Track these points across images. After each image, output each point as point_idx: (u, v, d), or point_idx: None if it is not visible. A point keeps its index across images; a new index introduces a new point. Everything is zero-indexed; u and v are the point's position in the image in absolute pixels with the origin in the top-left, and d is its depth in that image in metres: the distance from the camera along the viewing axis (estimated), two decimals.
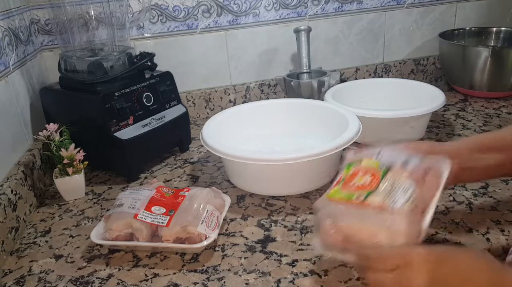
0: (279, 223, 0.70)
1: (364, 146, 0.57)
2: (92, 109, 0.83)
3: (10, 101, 0.81)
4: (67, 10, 0.86)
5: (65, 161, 0.78)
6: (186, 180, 0.86)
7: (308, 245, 0.63)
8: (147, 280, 0.59)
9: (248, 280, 0.58)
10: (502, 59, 1.10)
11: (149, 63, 0.91)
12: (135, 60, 0.89)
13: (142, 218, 0.63)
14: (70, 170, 0.79)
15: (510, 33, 1.25)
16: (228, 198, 0.72)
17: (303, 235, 0.66)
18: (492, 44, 1.28)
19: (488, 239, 0.61)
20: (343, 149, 0.74)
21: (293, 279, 0.57)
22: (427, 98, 0.94)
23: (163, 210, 0.64)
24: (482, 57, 1.10)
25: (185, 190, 0.68)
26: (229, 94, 1.19)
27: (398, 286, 0.42)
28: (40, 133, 0.79)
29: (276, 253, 0.62)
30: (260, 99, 1.21)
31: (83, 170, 0.81)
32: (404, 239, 0.45)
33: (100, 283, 0.59)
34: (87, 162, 0.82)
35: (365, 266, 0.45)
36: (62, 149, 0.78)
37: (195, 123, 1.15)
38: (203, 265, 0.61)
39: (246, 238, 0.66)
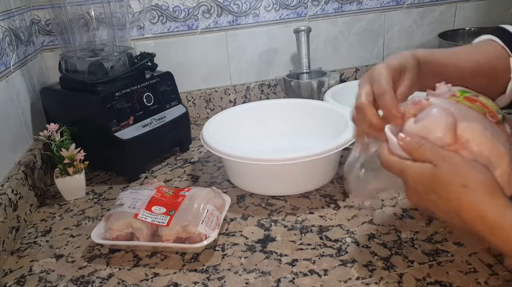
0: (279, 222, 0.70)
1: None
2: (92, 109, 0.83)
3: (11, 101, 0.81)
4: (67, 10, 0.86)
5: (66, 161, 0.79)
6: (186, 180, 0.86)
7: (308, 244, 0.64)
8: (147, 280, 0.59)
9: (248, 279, 0.58)
10: None
11: (150, 63, 0.91)
12: (136, 60, 0.90)
13: (142, 217, 0.63)
14: (70, 170, 0.79)
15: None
16: (228, 198, 0.72)
17: (303, 234, 0.66)
18: None
19: None
20: (343, 149, 0.74)
21: (293, 278, 0.57)
22: None
23: (164, 209, 0.64)
24: None
25: (185, 190, 0.68)
26: (229, 94, 1.19)
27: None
28: (40, 133, 0.80)
29: (276, 253, 0.63)
30: (260, 99, 1.21)
31: (83, 170, 0.81)
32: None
33: (100, 282, 0.59)
34: (88, 162, 0.82)
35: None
36: (62, 149, 0.79)
37: (195, 123, 1.16)
38: (203, 265, 0.61)
39: (246, 238, 0.67)
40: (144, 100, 0.87)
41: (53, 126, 0.80)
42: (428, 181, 0.42)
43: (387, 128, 0.48)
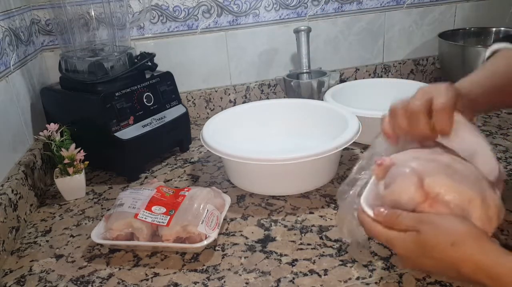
0: (279, 222, 0.70)
1: None
2: (92, 109, 0.83)
3: (11, 101, 0.81)
4: (67, 10, 0.86)
5: (66, 161, 0.79)
6: (186, 180, 0.86)
7: (308, 244, 0.64)
8: (147, 280, 0.59)
9: (248, 279, 0.58)
10: None
11: (150, 63, 0.91)
12: (136, 60, 0.90)
13: (142, 217, 0.63)
14: (70, 170, 0.79)
15: (509, 33, 1.26)
16: (228, 198, 0.72)
17: (303, 234, 0.66)
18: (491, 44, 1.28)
19: None
20: (343, 149, 0.74)
21: (293, 278, 0.57)
22: None
23: (164, 209, 0.64)
24: (482, 57, 1.10)
25: (185, 190, 0.68)
26: (229, 94, 1.19)
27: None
28: (40, 133, 0.80)
29: (276, 253, 0.63)
30: (260, 99, 1.21)
31: (83, 170, 0.81)
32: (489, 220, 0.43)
33: (100, 282, 0.59)
34: (88, 162, 0.82)
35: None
36: (62, 149, 0.79)
37: (195, 123, 1.16)
38: (203, 265, 0.61)
39: (246, 238, 0.67)
40: (144, 100, 0.87)
41: (53, 126, 0.80)
42: (416, 248, 0.43)
43: (363, 200, 0.48)
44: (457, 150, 0.48)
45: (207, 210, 0.64)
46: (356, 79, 1.27)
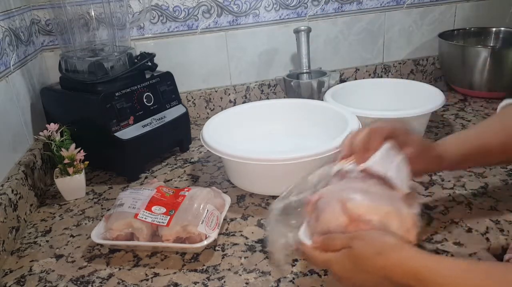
0: None
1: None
2: (92, 109, 0.83)
3: (11, 101, 0.81)
4: (67, 10, 0.86)
5: (66, 161, 0.79)
6: (186, 180, 0.86)
7: None
8: (147, 280, 0.59)
9: (248, 279, 0.58)
10: (502, 59, 1.10)
11: (150, 63, 0.91)
12: (136, 60, 0.90)
13: (142, 217, 0.63)
14: (70, 170, 0.79)
15: (509, 33, 1.26)
16: (228, 198, 0.72)
17: None
18: (491, 44, 1.28)
19: (487, 239, 0.62)
20: None
21: (293, 278, 0.57)
22: (426, 98, 0.94)
23: (164, 209, 0.64)
24: (482, 57, 1.10)
25: (185, 190, 0.68)
26: (229, 94, 1.19)
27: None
28: (40, 133, 0.80)
29: None
30: (260, 99, 1.21)
31: (83, 170, 0.81)
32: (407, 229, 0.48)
33: (100, 282, 0.59)
34: (88, 162, 0.82)
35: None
36: (62, 149, 0.79)
37: (195, 123, 1.16)
38: (203, 265, 0.61)
39: (246, 238, 0.67)
40: (144, 100, 0.87)
41: (53, 126, 0.80)
42: (351, 264, 0.45)
43: (301, 232, 0.51)
44: (380, 168, 0.52)
45: (207, 210, 0.64)
46: (356, 79, 1.27)
